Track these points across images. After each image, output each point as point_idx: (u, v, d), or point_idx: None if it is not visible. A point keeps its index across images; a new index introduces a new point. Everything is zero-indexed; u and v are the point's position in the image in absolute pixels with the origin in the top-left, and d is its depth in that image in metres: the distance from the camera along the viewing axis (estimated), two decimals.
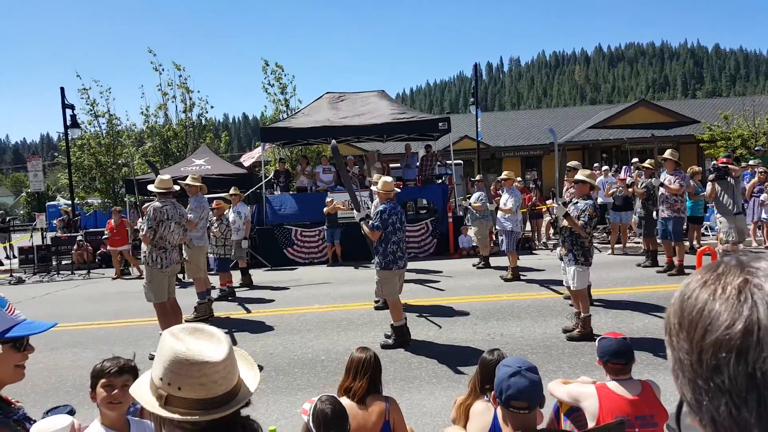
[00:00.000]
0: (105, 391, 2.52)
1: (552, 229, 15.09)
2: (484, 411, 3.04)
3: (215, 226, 10.37)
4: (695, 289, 0.78)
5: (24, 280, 15.04)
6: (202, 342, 1.45)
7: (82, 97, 23.39)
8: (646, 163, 11.36)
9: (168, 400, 1.39)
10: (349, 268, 12.99)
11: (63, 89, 18.87)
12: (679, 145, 28.57)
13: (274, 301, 9.98)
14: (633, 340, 3.56)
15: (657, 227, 10.55)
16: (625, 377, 3.16)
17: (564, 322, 7.27)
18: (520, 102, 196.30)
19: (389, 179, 7.20)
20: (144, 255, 7.37)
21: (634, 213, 12.05)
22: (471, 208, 12.11)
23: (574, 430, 3.13)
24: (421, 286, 10.43)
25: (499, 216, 10.92)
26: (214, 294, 9.90)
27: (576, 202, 6.88)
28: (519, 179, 15.57)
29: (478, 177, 12.97)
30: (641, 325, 7.13)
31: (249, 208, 12.61)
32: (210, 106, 24.18)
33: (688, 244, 12.55)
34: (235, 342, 7.46)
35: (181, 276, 11.77)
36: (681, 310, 0.79)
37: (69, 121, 19.19)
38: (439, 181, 16.44)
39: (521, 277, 10.45)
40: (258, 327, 8.17)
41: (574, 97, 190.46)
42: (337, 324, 8.03)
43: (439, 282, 10.77)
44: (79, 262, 16.26)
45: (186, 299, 8.97)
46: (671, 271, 10.19)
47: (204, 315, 8.74)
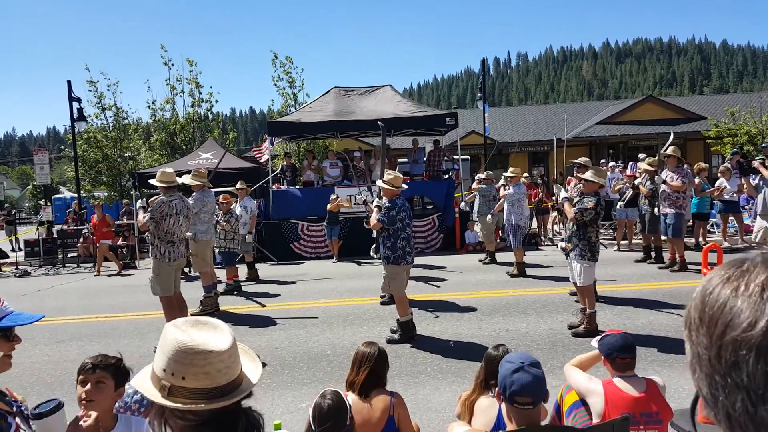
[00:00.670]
0: (79, 388, 2.52)
1: (558, 217, 15.00)
2: (488, 407, 3.04)
3: (223, 220, 10.38)
4: (718, 285, 0.78)
5: (30, 273, 15.11)
6: (205, 333, 1.45)
7: (90, 90, 23.52)
8: (647, 164, 11.28)
9: (171, 391, 1.39)
10: (355, 263, 12.99)
11: (70, 82, 18.91)
12: (686, 141, 28.47)
13: (280, 295, 10.01)
14: (638, 336, 3.57)
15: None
16: (630, 374, 3.16)
17: (569, 318, 7.26)
18: (527, 97, 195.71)
19: (397, 174, 7.18)
20: (151, 248, 7.37)
21: (638, 210, 12.00)
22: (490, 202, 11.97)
23: (578, 426, 3.13)
24: (427, 281, 10.43)
25: (505, 211, 10.89)
26: (220, 288, 9.93)
27: (583, 198, 6.87)
28: (525, 175, 15.53)
29: (484, 174, 12.90)
30: (646, 321, 7.10)
31: (255, 202, 12.63)
32: (215, 100, 24.19)
33: (694, 240, 12.51)
34: (240, 336, 7.49)
35: (187, 270, 11.82)
36: (702, 305, 0.79)
37: (75, 114, 19.24)
38: (446, 176, 16.42)
39: (527, 273, 10.44)
40: (264, 321, 8.20)
41: (581, 93, 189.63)
42: (343, 319, 8.05)
43: (445, 277, 10.78)
44: (85, 255, 16.35)
45: (192, 293, 9.01)
46: (674, 267, 10.17)
47: (210, 309, 8.77)
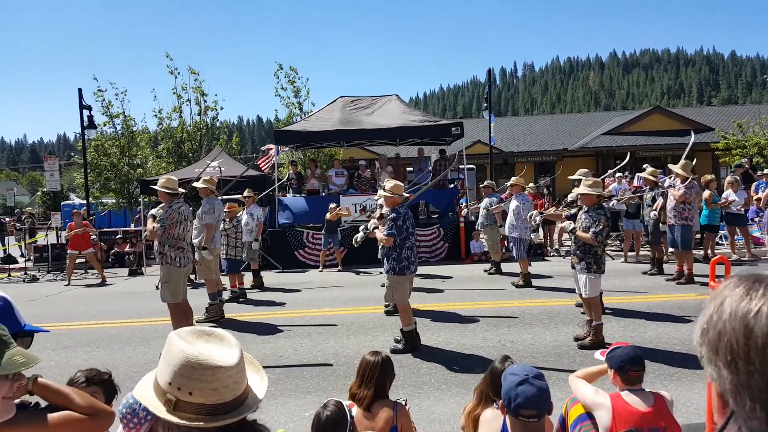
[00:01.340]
0: None
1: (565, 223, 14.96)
2: (493, 419, 3.02)
3: (227, 227, 10.41)
4: (764, 311, 0.76)
5: (38, 279, 15.18)
6: (212, 345, 1.42)
7: (97, 100, 23.67)
8: (648, 174, 11.26)
9: (177, 405, 1.36)
10: (361, 271, 12.98)
11: (81, 90, 19.04)
12: (694, 152, 28.35)
13: (284, 303, 10.00)
14: (645, 350, 3.55)
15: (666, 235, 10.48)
16: (639, 387, 3.14)
17: (575, 329, 7.22)
18: (533, 107, 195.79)
19: (398, 183, 7.17)
20: (159, 255, 7.36)
21: (640, 221, 11.97)
22: (490, 210, 11.91)
23: None
24: (431, 290, 10.41)
25: (507, 223, 10.87)
26: (226, 295, 9.94)
27: (586, 210, 6.83)
28: (531, 185, 15.50)
29: (486, 183, 12.88)
30: (653, 334, 7.05)
31: (262, 210, 12.66)
32: (220, 108, 24.31)
33: (703, 252, 12.44)
34: (245, 344, 7.49)
35: (193, 277, 11.85)
36: (748, 332, 0.77)
37: (86, 122, 19.37)
38: (452, 185, 16.41)
39: (533, 284, 10.40)
40: (268, 329, 8.19)
41: (588, 103, 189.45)
42: (347, 327, 8.03)
43: (450, 287, 10.74)
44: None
45: (197, 300, 9.02)
46: (680, 279, 10.11)
47: (215, 316, 8.78)
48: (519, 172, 28.38)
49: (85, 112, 19.27)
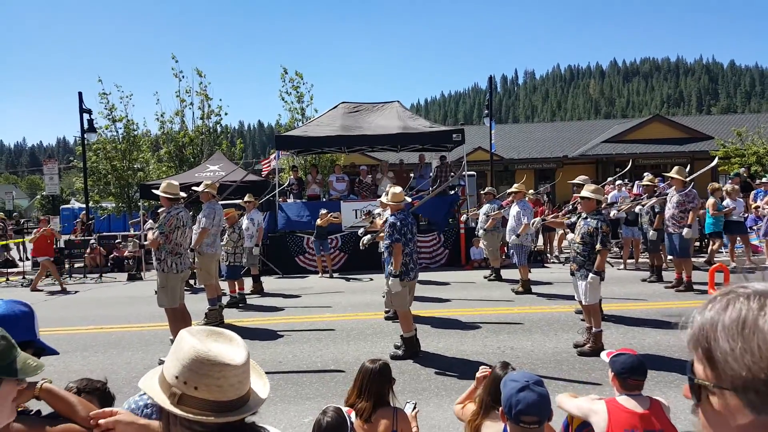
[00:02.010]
0: None
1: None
2: (493, 427, 3.02)
3: (227, 233, 10.41)
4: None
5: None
6: (221, 344, 1.46)
7: (101, 102, 23.70)
8: (647, 181, 11.30)
9: (181, 399, 1.38)
10: (361, 278, 12.97)
11: (81, 94, 19.08)
12: (693, 161, 28.43)
13: (284, 309, 10.00)
14: (644, 356, 3.54)
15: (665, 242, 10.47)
16: (637, 393, 3.14)
17: (575, 336, 7.22)
18: (534, 115, 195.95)
19: (399, 190, 7.19)
20: (157, 261, 7.37)
21: (639, 229, 11.97)
22: (490, 216, 11.90)
23: None
24: (431, 297, 10.40)
25: (508, 229, 10.88)
26: (225, 300, 9.93)
27: (585, 218, 6.84)
28: (531, 191, 15.51)
29: (487, 190, 12.89)
30: (652, 341, 7.06)
31: (262, 215, 12.66)
32: (224, 113, 24.38)
33: (708, 258, 12.42)
34: None
35: (192, 282, 11.84)
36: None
37: (86, 126, 19.39)
38: (452, 192, 16.43)
39: (533, 291, 10.40)
40: (268, 335, 8.19)
41: (588, 111, 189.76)
42: (347, 333, 8.03)
43: (449, 293, 10.74)
44: (92, 265, 16.40)
45: (196, 305, 9.02)
46: (679, 287, 10.11)
47: (214, 321, 8.76)
48: (519, 179, 28.43)
49: (86, 116, 19.30)
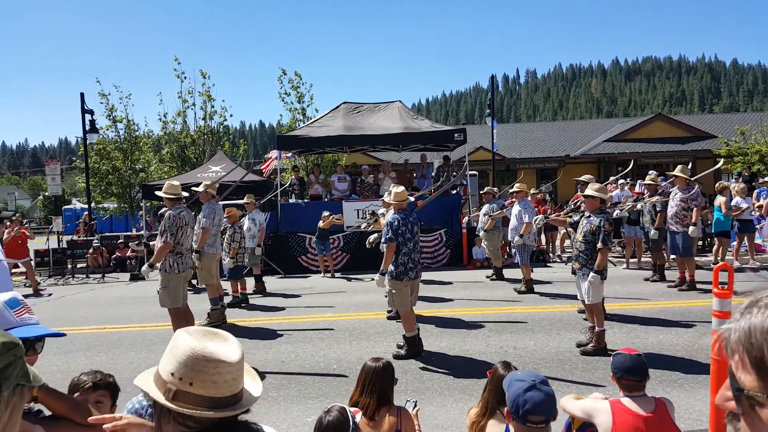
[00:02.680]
0: None
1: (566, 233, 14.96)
2: (497, 426, 3.02)
3: (227, 232, 10.41)
4: None
5: (39, 283, 15.16)
6: (217, 343, 1.50)
7: (101, 102, 23.74)
8: (649, 180, 11.27)
9: (176, 395, 1.41)
10: (361, 277, 12.97)
11: (83, 95, 19.12)
12: (696, 159, 28.40)
13: (286, 308, 10.00)
14: (647, 356, 3.52)
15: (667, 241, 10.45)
16: (638, 394, 3.13)
17: (578, 336, 7.21)
18: (535, 114, 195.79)
19: (401, 189, 7.19)
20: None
21: (641, 228, 11.95)
22: (492, 216, 11.87)
23: None
24: (434, 296, 10.39)
25: (510, 229, 10.87)
26: (227, 300, 9.93)
27: (588, 216, 6.83)
28: (533, 189, 15.50)
29: (486, 189, 12.85)
30: (656, 341, 7.05)
31: (264, 215, 12.65)
32: (229, 114, 24.42)
33: (713, 258, 12.38)
34: (247, 349, 7.48)
35: (195, 282, 11.84)
36: None
37: (88, 126, 19.41)
38: (454, 192, 16.42)
39: (535, 290, 10.39)
40: (270, 334, 8.19)
41: (590, 110, 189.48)
42: (350, 333, 8.03)
43: (452, 293, 10.73)
44: (94, 266, 16.43)
45: (198, 305, 9.02)
46: (682, 286, 10.10)
47: (217, 321, 8.78)
48: (521, 178, 28.43)
49: (87, 117, 19.32)
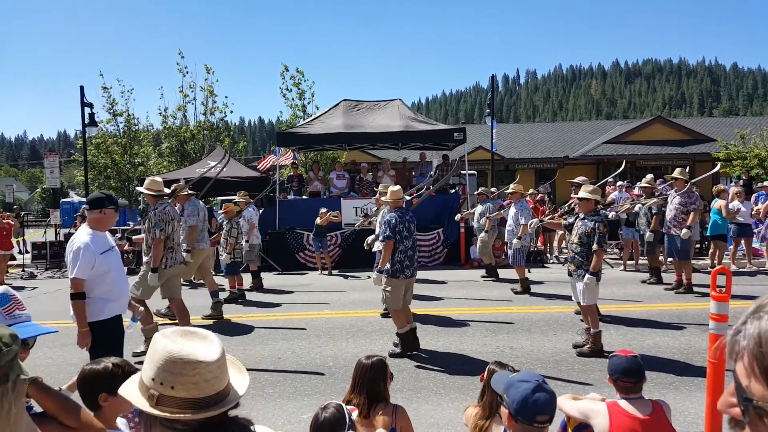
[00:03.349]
0: (107, 396, 2.50)
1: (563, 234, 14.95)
2: (499, 427, 3.01)
3: (225, 228, 10.39)
4: None
5: (36, 276, 15.16)
6: (195, 343, 1.49)
7: (103, 96, 23.69)
8: (645, 182, 11.28)
9: (159, 400, 1.41)
10: (358, 274, 12.96)
11: (82, 88, 19.02)
12: (695, 163, 28.42)
13: (283, 305, 9.99)
14: (643, 358, 3.52)
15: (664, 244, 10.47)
16: (635, 396, 3.13)
17: (574, 337, 7.21)
18: (535, 114, 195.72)
19: (397, 188, 7.19)
20: (146, 256, 7.31)
21: (637, 230, 11.96)
22: (488, 216, 11.86)
23: None
24: (430, 295, 10.39)
25: (507, 230, 10.86)
26: (223, 295, 9.92)
27: (583, 218, 6.83)
28: (531, 190, 15.49)
29: (480, 190, 12.81)
30: (652, 343, 7.06)
31: (255, 211, 12.54)
32: (230, 111, 24.44)
33: (710, 262, 12.39)
34: (243, 345, 7.49)
35: (192, 278, 11.83)
36: None
37: (87, 120, 19.35)
38: (452, 191, 16.41)
39: (532, 291, 10.39)
40: (267, 331, 8.19)
41: (589, 112, 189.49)
42: (346, 330, 8.03)
43: (449, 292, 10.73)
44: None
45: (195, 300, 9.02)
46: (679, 289, 10.11)
47: (218, 314, 8.81)
48: (520, 178, 28.45)
49: (87, 110, 19.26)
